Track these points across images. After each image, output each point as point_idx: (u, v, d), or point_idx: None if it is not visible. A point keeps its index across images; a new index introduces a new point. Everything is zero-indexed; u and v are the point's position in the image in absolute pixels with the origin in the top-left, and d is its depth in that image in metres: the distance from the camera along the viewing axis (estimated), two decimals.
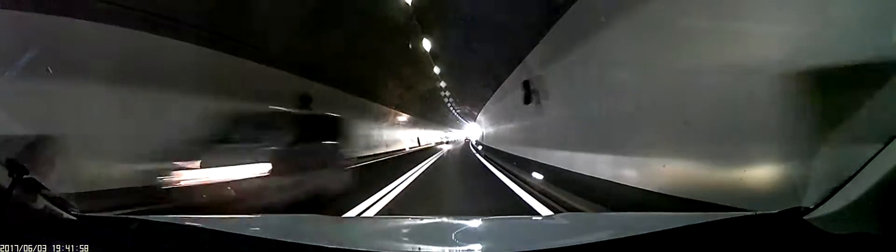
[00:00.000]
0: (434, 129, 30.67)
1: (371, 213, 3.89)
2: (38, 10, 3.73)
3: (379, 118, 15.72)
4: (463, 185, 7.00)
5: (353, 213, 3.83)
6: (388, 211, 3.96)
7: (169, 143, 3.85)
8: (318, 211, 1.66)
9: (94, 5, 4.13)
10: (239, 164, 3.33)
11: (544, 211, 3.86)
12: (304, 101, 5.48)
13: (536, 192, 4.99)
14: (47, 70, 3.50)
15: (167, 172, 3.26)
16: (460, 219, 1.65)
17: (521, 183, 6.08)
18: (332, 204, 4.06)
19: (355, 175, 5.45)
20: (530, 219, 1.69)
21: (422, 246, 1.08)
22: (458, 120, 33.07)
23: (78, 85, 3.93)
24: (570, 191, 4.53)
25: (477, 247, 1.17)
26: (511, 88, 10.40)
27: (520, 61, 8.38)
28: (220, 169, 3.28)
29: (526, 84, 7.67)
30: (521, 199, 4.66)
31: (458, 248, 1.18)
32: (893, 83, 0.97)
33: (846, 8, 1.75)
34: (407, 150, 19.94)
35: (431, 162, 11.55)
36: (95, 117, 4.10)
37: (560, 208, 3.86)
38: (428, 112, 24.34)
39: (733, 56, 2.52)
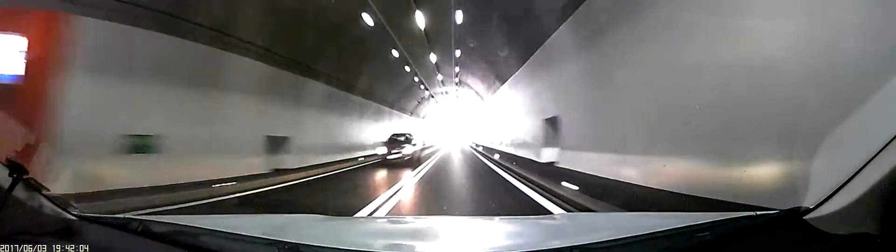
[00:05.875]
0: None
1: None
2: None
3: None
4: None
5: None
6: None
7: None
8: (321, 210, 1.65)
9: None
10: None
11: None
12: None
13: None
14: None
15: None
16: (461, 219, 1.65)
17: None
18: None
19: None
20: (531, 219, 1.69)
21: (422, 246, 1.08)
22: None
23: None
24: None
25: (477, 247, 1.17)
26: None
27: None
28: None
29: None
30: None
31: (458, 248, 1.18)
32: (893, 83, 0.97)
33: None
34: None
35: None
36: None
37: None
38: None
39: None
